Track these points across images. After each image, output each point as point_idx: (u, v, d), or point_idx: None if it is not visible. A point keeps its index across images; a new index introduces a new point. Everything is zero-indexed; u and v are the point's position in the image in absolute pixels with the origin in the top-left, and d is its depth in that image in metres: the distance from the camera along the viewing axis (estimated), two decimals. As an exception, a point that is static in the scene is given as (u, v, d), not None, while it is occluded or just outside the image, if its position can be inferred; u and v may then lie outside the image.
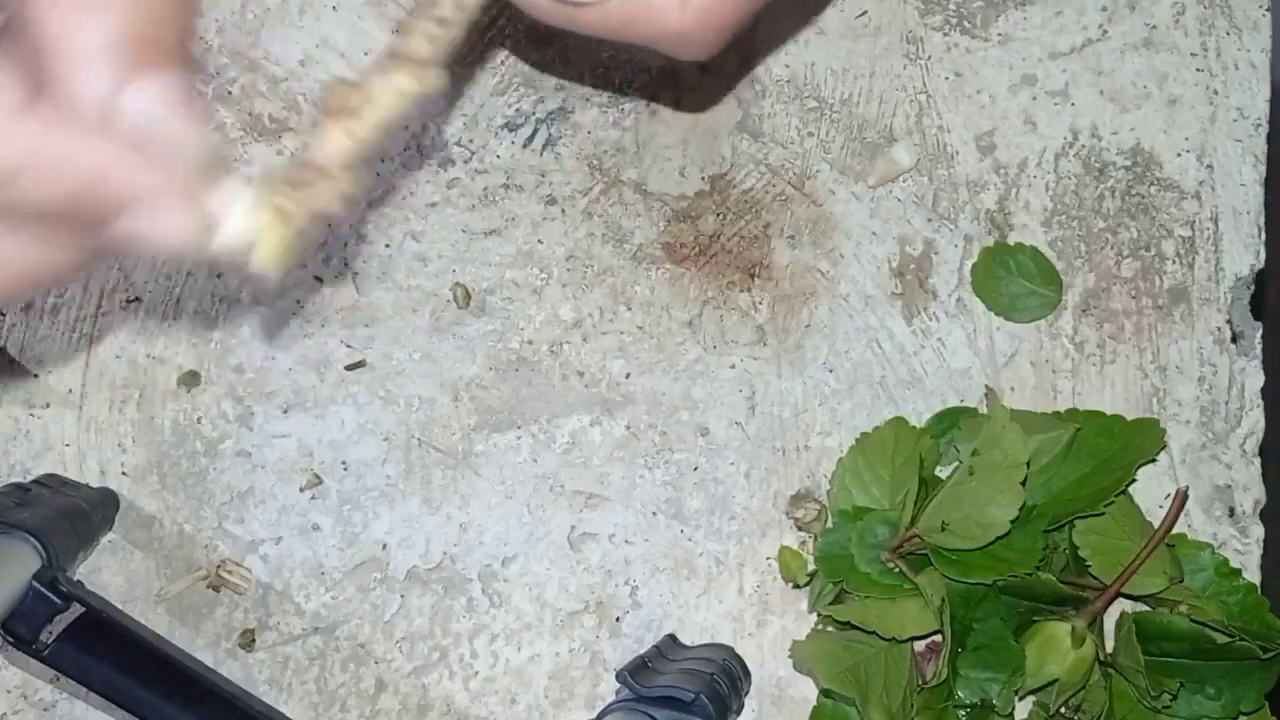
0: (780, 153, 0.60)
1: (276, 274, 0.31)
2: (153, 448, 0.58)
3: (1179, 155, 0.60)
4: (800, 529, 0.57)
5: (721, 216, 0.60)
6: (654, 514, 0.58)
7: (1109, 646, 0.55)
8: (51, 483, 0.56)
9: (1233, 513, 0.58)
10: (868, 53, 0.61)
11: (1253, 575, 0.57)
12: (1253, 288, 0.60)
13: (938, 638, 0.55)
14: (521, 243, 0.59)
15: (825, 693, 0.54)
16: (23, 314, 0.58)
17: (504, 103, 0.60)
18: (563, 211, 0.59)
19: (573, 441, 0.58)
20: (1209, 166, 0.60)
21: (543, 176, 0.60)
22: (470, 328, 0.59)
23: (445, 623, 0.57)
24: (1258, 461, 0.58)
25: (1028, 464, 0.52)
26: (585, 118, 0.60)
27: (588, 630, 0.57)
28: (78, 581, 0.54)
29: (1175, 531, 0.55)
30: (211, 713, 0.51)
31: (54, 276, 0.30)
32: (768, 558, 0.57)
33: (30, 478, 0.57)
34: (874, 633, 0.53)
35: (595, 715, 0.52)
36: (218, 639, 0.57)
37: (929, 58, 0.61)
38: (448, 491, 0.58)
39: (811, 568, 0.56)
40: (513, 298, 0.59)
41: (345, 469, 0.58)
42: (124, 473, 0.58)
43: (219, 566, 0.57)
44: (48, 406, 0.58)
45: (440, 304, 0.59)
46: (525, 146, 0.60)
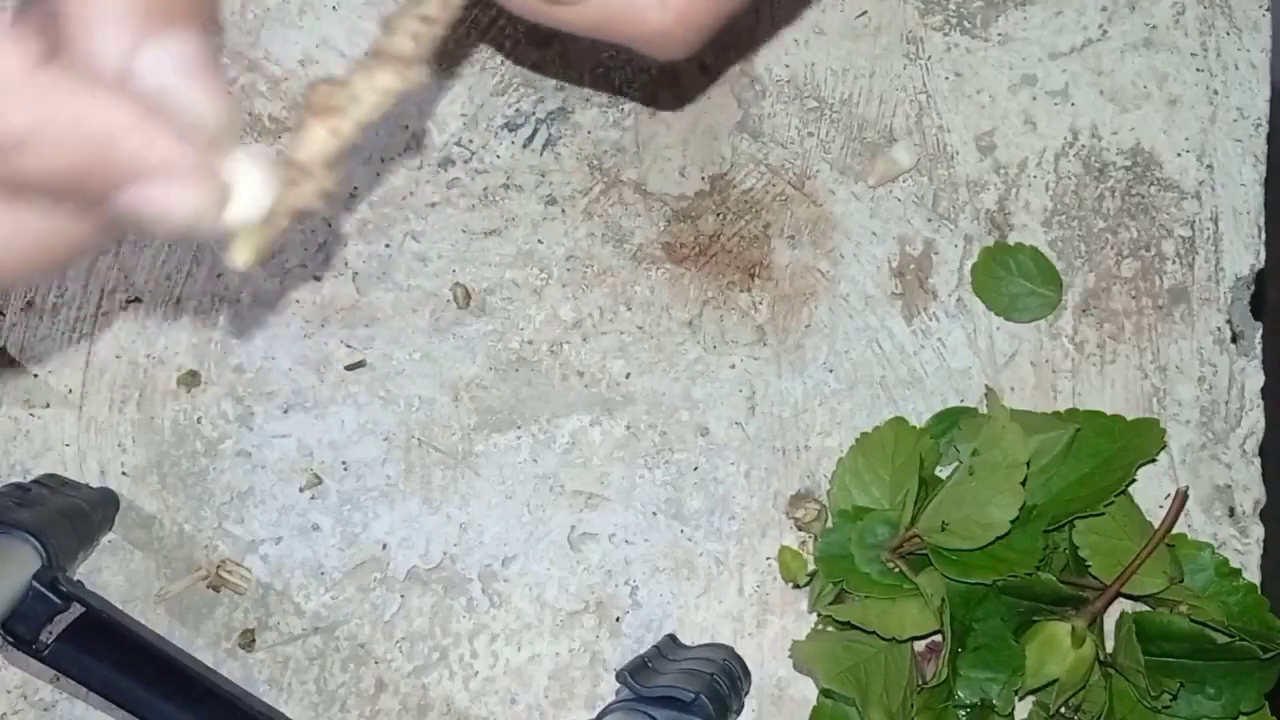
0: (780, 153, 0.60)
1: (248, 267, 0.30)
2: (153, 448, 0.58)
3: (1179, 155, 0.60)
4: (800, 529, 0.57)
5: (721, 216, 0.60)
6: (654, 514, 0.58)
7: (1109, 646, 0.55)
8: (51, 483, 0.56)
9: (1233, 513, 0.58)
10: (868, 53, 0.61)
11: (1253, 575, 0.57)
12: (1253, 288, 0.60)
13: (938, 638, 0.55)
14: (521, 243, 0.59)
15: (825, 693, 0.54)
16: (23, 314, 0.58)
17: (504, 103, 0.60)
18: (563, 211, 0.59)
19: (573, 441, 0.58)
20: (1209, 166, 0.60)
21: (543, 176, 0.60)
22: (470, 328, 0.59)
23: (445, 623, 0.57)
24: (1258, 461, 0.58)
25: (1028, 464, 0.52)
26: (585, 118, 0.60)
27: (588, 630, 0.57)
28: (78, 581, 0.54)
29: (1175, 531, 0.55)
30: (211, 713, 0.51)
31: (68, 253, 0.29)
32: (768, 558, 0.57)
33: (30, 478, 0.57)
34: (874, 633, 0.53)
35: (595, 715, 0.52)
36: (218, 639, 0.57)
37: (929, 58, 0.61)
38: (448, 491, 0.58)
39: (811, 568, 0.56)
40: (513, 298, 0.59)
41: (345, 469, 0.58)
42: (124, 473, 0.58)
43: (219, 566, 0.57)
44: (48, 406, 0.58)
45: (440, 304, 0.59)
46: (525, 146, 0.60)
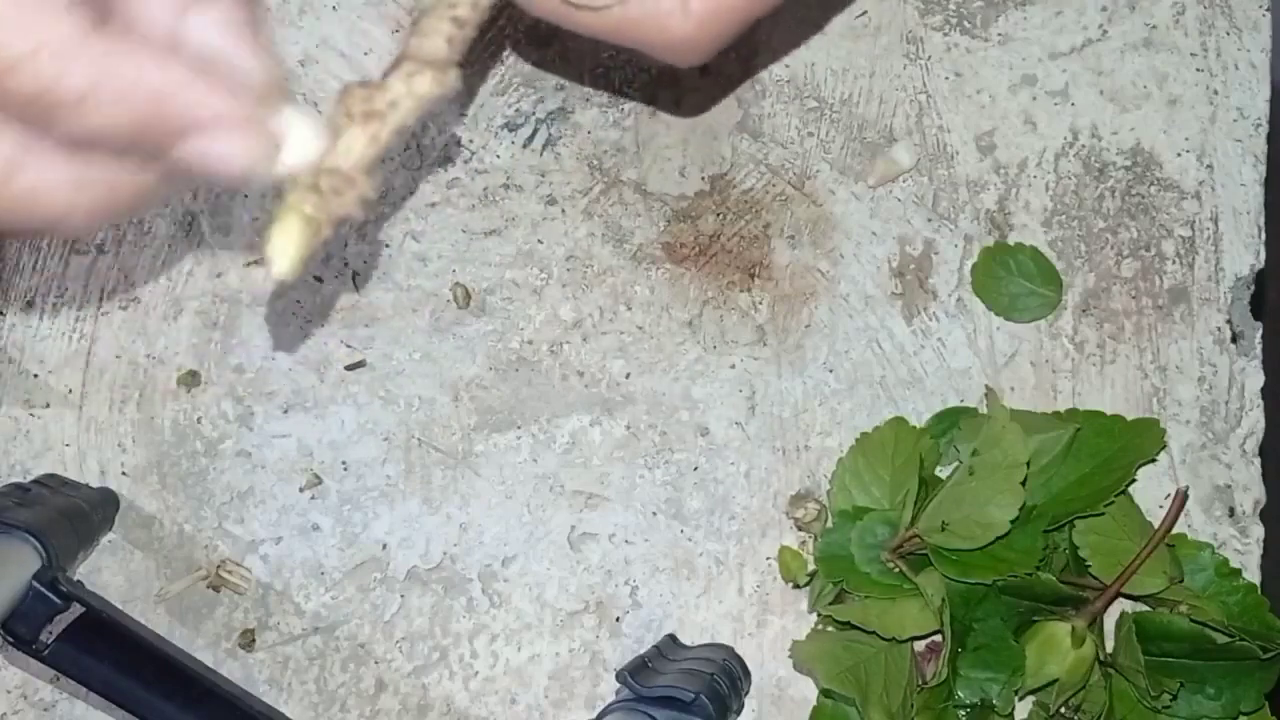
0: (780, 153, 0.60)
1: (289, 277, 0.30)
2: (153, 448, 0.58)
3: (1179, 155, 0.60)
4: (800, 529, 0.57)
5: (721, 216, 0.60)
6: (654, 514, 0.58)
7: (1109, 646, 0.55)
8: (51, 483, 0.56)
9: (1233, 513, 0.58)
10: (868, 53, 0.61)
11: (1253, 575, 0.57)
12: (1253, 288, 0.60)
13: (938, 638, 0.55)
14: (521, 243, 0.59)
15: (825, 693, 0.54)
16: (23, 314, 0.58)
17: (504, 103, 0.60)
18: (563, 211, 0.59)
19: (573, 441, 0.58)
20: (1209, 166, 0.60)
21: (543, 176, 0.60)
22: (470, 328, 0.59)
23: (445, 623, 0.57)
24: (1258, 461, 0.58)
25: (1028, 464, 0.52)
26: (585, 118, 0.60)
27: (588, 630, 0.57)
28: (78, 581, 0.54)
29: (1175, 531, 0.55)
30: (211, 713, 0.51)
31: (133, 200, 0.30)
32: (768, 558, 0.57)
33: (30, 478, 0.57)
34: (874, 633, 0.53)
35: (595, 715, 0.52)
36: (218, 639, 0.57)
37: (929, 58, 0.61)
38: (448, 491, 0.58)
39: (811, 568, 0.56)
40: (513, 298, 0.59)
41: (345, 469, 0.58)
42: (124, 473, 0.58)
43: (219, 566, 0.57)
44: (48, 406, 0.58)
45: (440, 304, 0.59)
46: (525, 146, 0.60)
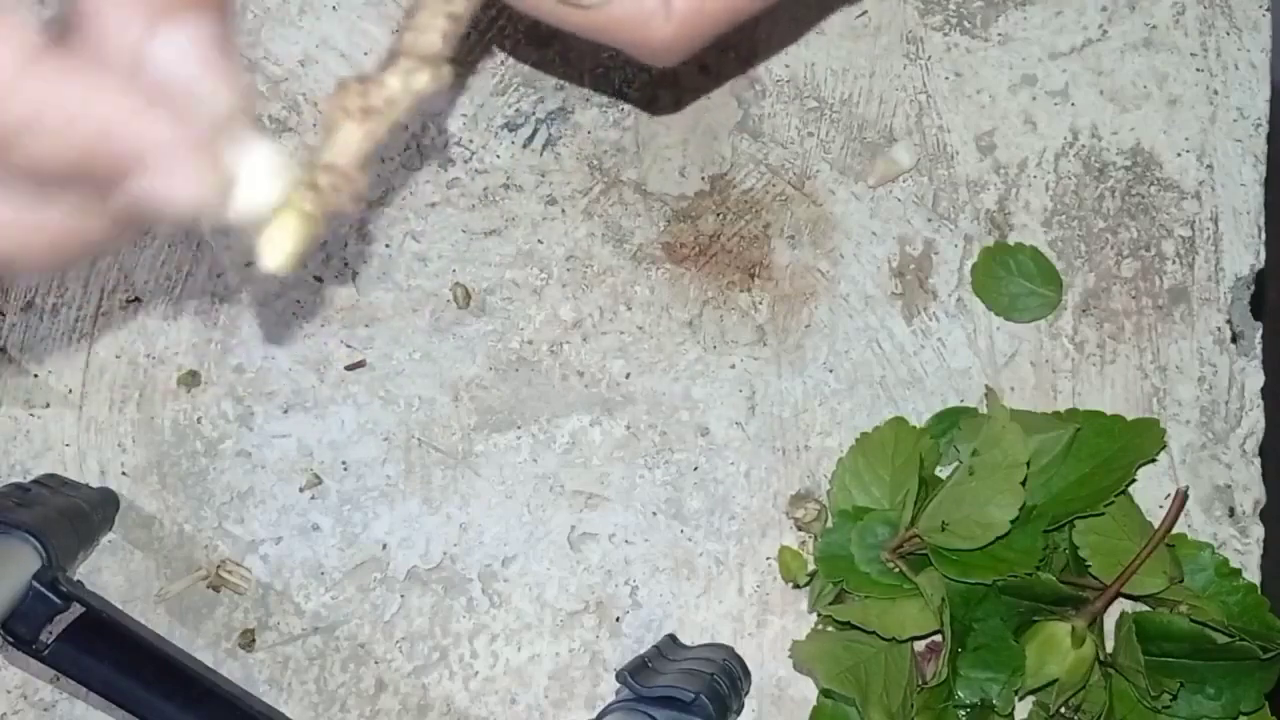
0: (780, 153, 0.60)
1: (282, 271, 0.30)
2: (153, 448, 0.58)
3: (1179, 155, 0.60)
4: (800, 529, 0.57)
5: (721, 216, 0.60)
6: (654, 514, 0.58)
7: (1109, 646, 0.55)
8: (51, 483, 0.56)
9: (1233, 513, 0.58)
10: (868, 53, 0.61)
11: (1253, 575, 0.57)
12: (1253, 288, 0.60)
13: (938, 638, 0.55)
14: (521, 243, 0.59)
15: (825, 693, 0.54)
16: (23, 314, 0.58)
17: (504, 103, 0.60)
18: (563, 211, 0.59)
19: (573, 441, 0.58)
20: (1209, 166, 0.60)
21: (543, 176, 0.60)
22: (470, 328, 0.59)
23: (445, 623, 0.57)
24: (1258, 461, 0.58)
25: (1028, 464, 0.52)
26: (585, 118, 0.60)
27: (588, 630, 0.57)
28: (78, 581, 0.54)
29: (1175, 531, 0.55)
30: (211, 713, 0.51)
31: (87, 245, 0.29)
32: (768, 558, 0.57)
33: (30, 478, 0.57)
34: (874, 633, 0.53)
35: (595, 715, 0.52)
36: (218, 639, 0.57)
37: (929, 58, 0.61)
38: (448, 491, 0.58)
39: (811, 568, 0.56)
40: (513, 298, 0.59)
41: (345, 469, 0.58)
42: (124, 473, 0.58)
43: (219, 566, 0.57)
44: (48, 406, 0.58)
45: (440, 304, 0.59)
46: (525, 146, 0.60)
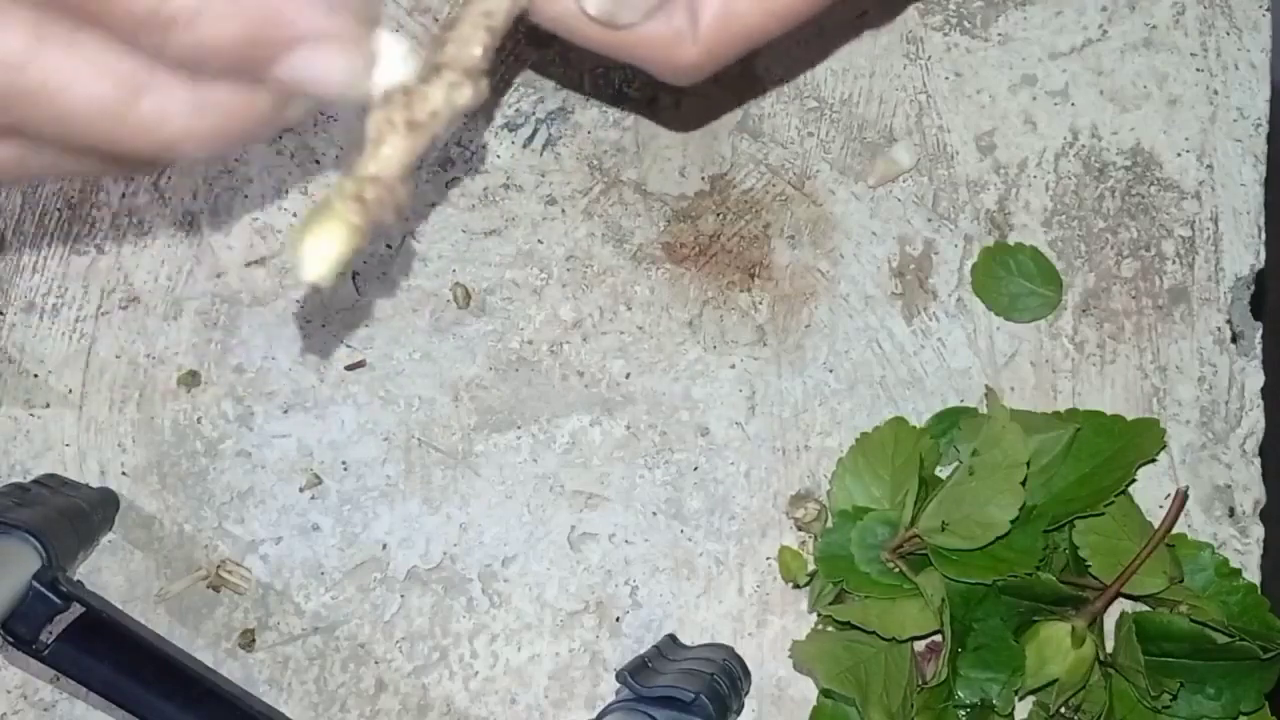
0: (780, 153, 0.60)
1: (322, 282, 0.31)
2: (153, 448, 0.58)
3: (1179, 155, 0.60)
4: (800, 529, 0.57)
5: (721, 216, 0.60)
6: (654, 514, 0.58)
7: (1109, 646, 0.55)
8: (51, 483, 0.56)
9: (1233, 513, 0.58)
10: (868, 53, 0.61)
11: (1253, 575, 0.57)
12: (1253, 288, 0.60)
13: (938, 638, 0.55)
14: (521, 243, 0.59)
15: (825, 693, 0.54)
16: (23, 314, 0.58)
17: (504, 103, 0.60)
18: (563, 211, 0.59)
19: (573, 441, 0.58)
20: (1209, 166, 0.60)
21: (543, 176, 0.60)
22: (470, 328, 0.59)
23: (445, 623, 0.57)
24: (1258, 461, 0.58)
25: (1028, 464, 0.52)
26: (585, 118, 0.60)
27: (588, 630, 0.57)
28: (78, 581, 0.54)
29: (1175, 531, 0.55)
30: (211, 713, 0.51)
31: (245, 129, 0.31)
32: (768, 558, 0.57)
33: (30, 478, 0.57)
34: (874, 633, 0.53)
35: (595, 715, 0.52)
36: (218, 639, 0.57)
37: (929, 58, 0.61)
38: (448, 491, 0.58)
39: (811, 568, 0.56)
40: (513, 298, 0.59)
41: (345, 469, 0.58)
42: (124, 473, 0.58)
43: (219, 566, 0.57)
44: (48, 406, 0.58)
45: (440, 304, 0.59)
46: (525, 146, 0.60)
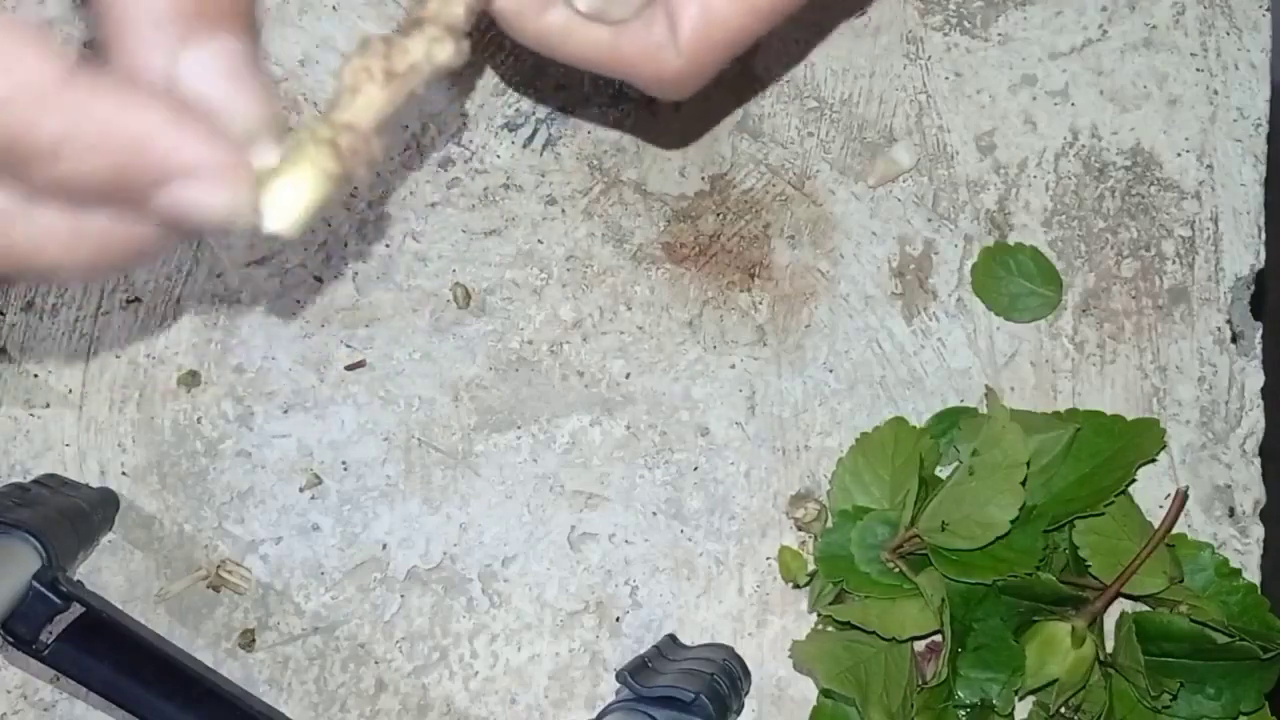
0: (780, 153, 0.60)
1: (288, 235, 0.29)
2: (153, 448, 0.58)
3: (1179, 155, 0.60)
4: (800, 529, 0.57)
5: (721, 216, 0.60)
6: (654, 514, 0.58)
7: (1109, 646, 0.55)
8: (51, 483, 0.56)
9: (1233, 513, 0.58)
10: (868, 53, 0.61)
11: (1253, 575, 0.57)
12: (1253, 288, 0.60)
13: (938, 638, 0.55)
14: (521, 243, 0.59)
15: (825, 693, 0.54)
16: (23, 314, 0.58)
17: (504, 103, 0.60)
18: (563, 211, 0.59)
19: (573, 441, 0.58)
20: (1209, 166, 0.60)
21: (543, 176, 0.60)
22: (470, 328, 0.59)
23: (445, 623, 0.57)
24: (1258, 461, 0.58)
25: (1028, 464, 0.52)
26: (585, 118, 0.60)
27: (588, 630, 0.57)
28: (78, 581, 0.54)
29: (1175, 531, 0.55)
30: (211, 713, 0.51)
31: (128, 255, 0.29)
32: (768, 558, 0.57)
33: (30, 478, 0.57)
34: (874, 633, 0.53)
35: (595, 715, 0.52)
36: (218, 639, 0.57)
37: (929, 58, 0.61)
38: (448, 491, 0.58)
39: (811, 568, 0.56)
40: (513, 298, 0.59)
41: (345, 469, 0.58)
42: (124, 473, 0.58)
43: (219, 566, 0.57)
44: (48, 406, 0.58)
45: (440, 304, 0.59)
46: (525, 146, 0.60)
